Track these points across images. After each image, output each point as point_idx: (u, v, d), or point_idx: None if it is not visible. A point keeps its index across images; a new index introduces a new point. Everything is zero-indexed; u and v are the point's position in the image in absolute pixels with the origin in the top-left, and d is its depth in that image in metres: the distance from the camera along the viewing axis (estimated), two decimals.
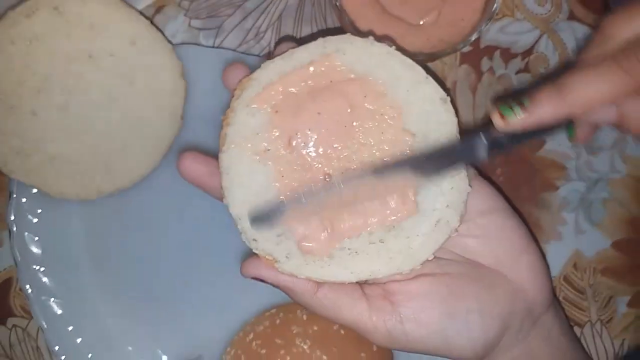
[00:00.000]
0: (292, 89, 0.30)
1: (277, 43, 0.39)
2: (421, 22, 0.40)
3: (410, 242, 0.30)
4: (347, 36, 0.31)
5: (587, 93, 0.28)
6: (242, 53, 0.42)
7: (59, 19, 0.36)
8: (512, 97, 0.30)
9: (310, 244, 0.29)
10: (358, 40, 0.31)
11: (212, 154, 0.41)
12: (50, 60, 0.37)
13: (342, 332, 0.38)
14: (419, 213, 0.30)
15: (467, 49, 0.44)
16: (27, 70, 0.37)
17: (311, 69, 0.30)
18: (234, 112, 0.30)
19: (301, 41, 0.32)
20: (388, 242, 0.30)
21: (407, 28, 0.40)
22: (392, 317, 0.31)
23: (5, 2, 0.38)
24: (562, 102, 0.28)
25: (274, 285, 0.31)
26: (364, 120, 0.30)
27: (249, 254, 0.31)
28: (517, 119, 0.29)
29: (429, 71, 0.31)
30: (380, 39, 0.32)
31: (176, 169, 0.41)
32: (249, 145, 0.30)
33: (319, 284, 0.30)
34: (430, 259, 0.30)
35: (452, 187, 0.30)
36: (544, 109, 0.29)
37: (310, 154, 0.30)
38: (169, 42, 0.39)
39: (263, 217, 0.29)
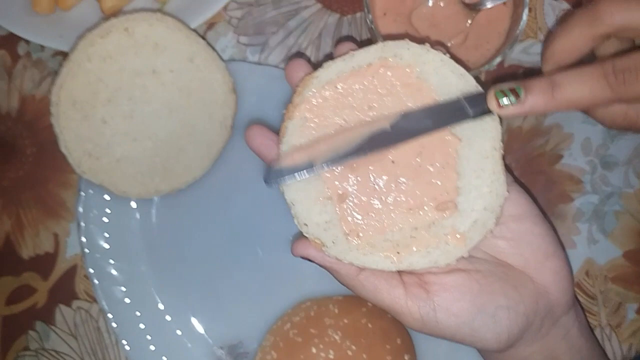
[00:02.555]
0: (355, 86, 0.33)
1: (337, 43, 0.42)
2: (449, 44, 0.44)
3: (448, 239, 0.33)
4: (405, 42, 0.33)
5: (575, 95, 0.31)
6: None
7: (128, 39, 0.41)
8: (510, 82, 0.32)
9: (356, 237, 0.32)
10: (415, 46, 0.33)
11: (257, 162, 0.46)
12: (119, 75, 0.42)
13: (370, 325, 0.42)
14: (458, 212, 0.33)
15: (492, 67, 0.47)
16: (100, 84, 0.42)
17: (369, 70, 0.33)
18: (295, 107, 0.33)
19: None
20: (427, 237, 0.33)
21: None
22: (427, 304, 0.33)
23: (83, 24, 0.43)
24: (552, 100, 0.31)
25: (320, 265, 0.34)
26: None
27: (299, 236, 0.34)
28: (511, 108, 0.32)
29: (478, 81, 0.34)
30: (435, 46, 0.34)
31: (225, 173, 0.46)
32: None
33: (360, 269, 0.33)
34: (465, 256, 0.33)
35: (491, 191, 0.33)
36: (536, 102, 0.31)
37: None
38: (222, 59, 0.44)
39: (271, 176, 0.32)
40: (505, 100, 0.32)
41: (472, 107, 0.33)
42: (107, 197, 0.45)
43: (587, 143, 0.48)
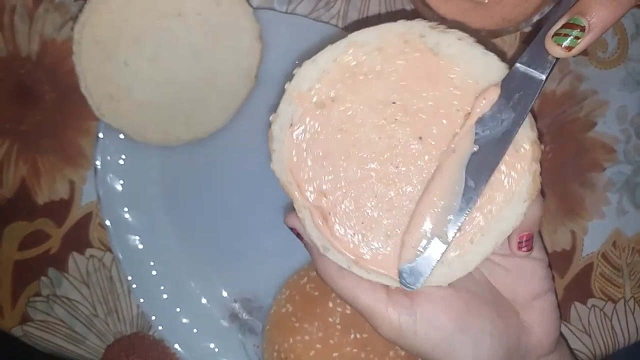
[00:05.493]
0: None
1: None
2: (486, 0, 0.42)
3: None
4: (419, 22, 0.30)
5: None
6: (314, 20, 0.45)
7: None
8: (554, 22, 0.29)
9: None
10: (430, 26, 0.30)
11: None
12: (145, 16, 0.41)
13: None
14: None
15: (527, 28, 0.46)
16: (125, 24, 0.40)
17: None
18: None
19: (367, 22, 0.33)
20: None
21: (472, 5, 0.42)
22: (408, 313, 0.31)
23: None
24: (617, 3, 0.27)
25: (304, 244, 0.32)
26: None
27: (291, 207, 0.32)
28: (580, 42, 0.28)
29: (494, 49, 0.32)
30: (452, 24, 0.32)
31: (248, 124, 0.44)
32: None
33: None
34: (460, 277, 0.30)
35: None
36: (604, 18, 0.27)
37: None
38: (250, 5, 0.43)
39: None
40: (568, 41, 0.28)
41: (535, 68, 0.29)
42: (125, 142, 0.44)
43: (622, 111, 0.46)
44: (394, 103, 0.30)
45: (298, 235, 0.32)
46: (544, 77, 0.29)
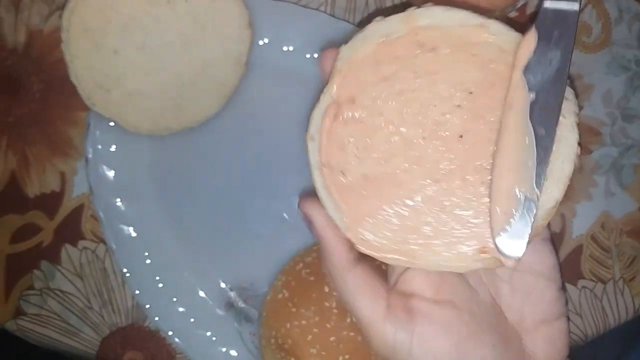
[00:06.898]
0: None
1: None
2: None
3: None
4: (428, 8, 0.29)
5: None
6: (303, 7, 0.45)
7: None
8: None
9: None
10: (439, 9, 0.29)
11: (272, 102, 0.45)
12: (133, 3, 0.40)
13: (383, 267, 0.41)
14: None
15: (513, 14, 0.46)
16: (113, 12, 0.40)
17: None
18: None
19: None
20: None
21: None
22: (405, 331, 0.29)
23: None
24: None
25: (314, 235, 0.30)
26: None
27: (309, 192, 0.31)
28: None
29: None
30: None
31: (239, 113, 0.45)
32: None
33: (355, 263, 0.30)
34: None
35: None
36: None
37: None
38: None
39: None
40: None
41: None
42: (116, 132, 0.44)
43: (608, 94, 0.47)
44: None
45: (309, 225, 0.30)
46: (576, 6, 0.28)
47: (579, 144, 0.30)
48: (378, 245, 0.29)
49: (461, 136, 0.29)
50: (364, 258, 0.31)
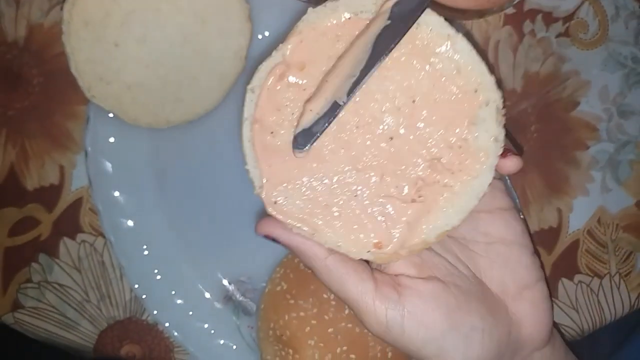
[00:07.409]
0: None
1: None
2: None
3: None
4: None
5: None
6: (304, 2, 0.46)
7: None
8: None
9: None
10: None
11: None
12: None
13: None
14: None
15: (510, 10, 0.47)
16: (114, 5, 0.40)
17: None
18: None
19: None
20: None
21: None
22: (396, 308, 0.30)
23: None
24: None
25: (285, 246, 0.31)
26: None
27: (264, 214, 0.31)
28: None
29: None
30: None
31: (238, 107, 0.45)
32: None
33: (331, 251, 0.30)
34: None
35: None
36: None
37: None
38: None
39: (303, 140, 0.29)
40: None
41: None
42: (116, 125, 0.44)
43: (604, 91, 0.47)
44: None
45: (274, 240, 0.31)
46: None
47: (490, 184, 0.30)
48: (286, 210, 0.30)
49: (391, 138, 0.29)
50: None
